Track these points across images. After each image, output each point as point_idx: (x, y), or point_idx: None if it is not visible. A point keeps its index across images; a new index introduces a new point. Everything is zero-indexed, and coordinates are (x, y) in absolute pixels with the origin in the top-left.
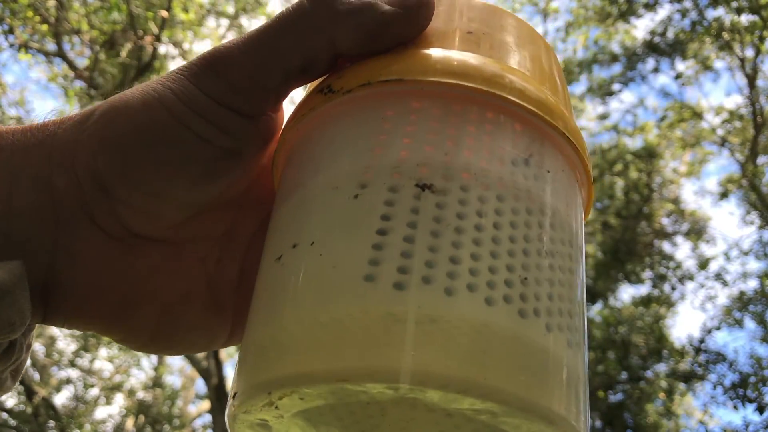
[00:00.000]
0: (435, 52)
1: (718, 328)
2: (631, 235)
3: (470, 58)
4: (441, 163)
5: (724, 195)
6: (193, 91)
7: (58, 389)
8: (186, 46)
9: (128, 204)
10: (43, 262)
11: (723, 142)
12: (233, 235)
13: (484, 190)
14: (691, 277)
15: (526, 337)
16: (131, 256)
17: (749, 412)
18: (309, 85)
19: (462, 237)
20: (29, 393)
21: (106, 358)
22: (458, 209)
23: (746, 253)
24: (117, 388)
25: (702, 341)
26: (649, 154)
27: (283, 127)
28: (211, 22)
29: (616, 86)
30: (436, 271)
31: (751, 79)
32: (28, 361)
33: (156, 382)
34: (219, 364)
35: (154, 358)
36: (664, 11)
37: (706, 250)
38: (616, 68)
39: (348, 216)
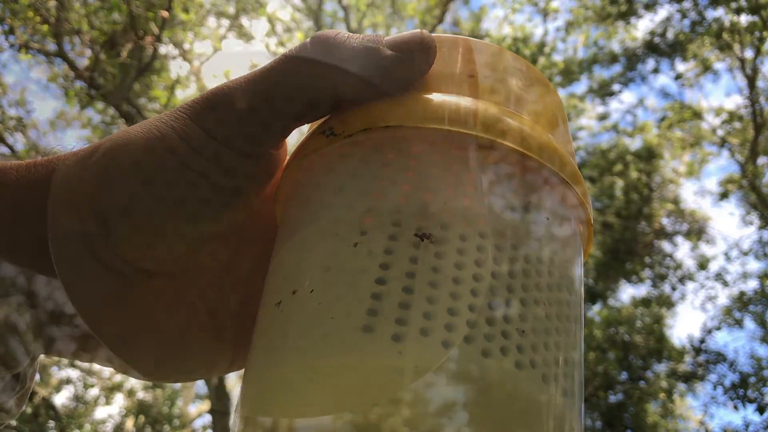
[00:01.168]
0: (436, 98)
1: (719, 329)
2: (631, 235)
3: (471, 103)
4: (440, 211)
5: (724, 195)
6: (194, 130)
7: (58, 389)
8: (186, 46)
9: (129, 240)
10: (45, 295)
11: (723, 143)
12: (234, 264)
13: (482, 239)
14: (691, 277)
15: (522, 390)
16: (132, 290)
17: (749, 412)
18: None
19: (460, 288)
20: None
21: None
22: (456, 259)
23: (746, 254)
24: (117, 388)
25: (702, 341)
26: (648, 155)
27: (285, 163)
28: (211, 22)
29: (616, 86)
30: (434, 323)
31: (751, 80)
32: None
33: (156, 383)
34: None
35: None
36: (663, 11)
37: (706, 250)
38: (616, 68)
39: (347, 264)
